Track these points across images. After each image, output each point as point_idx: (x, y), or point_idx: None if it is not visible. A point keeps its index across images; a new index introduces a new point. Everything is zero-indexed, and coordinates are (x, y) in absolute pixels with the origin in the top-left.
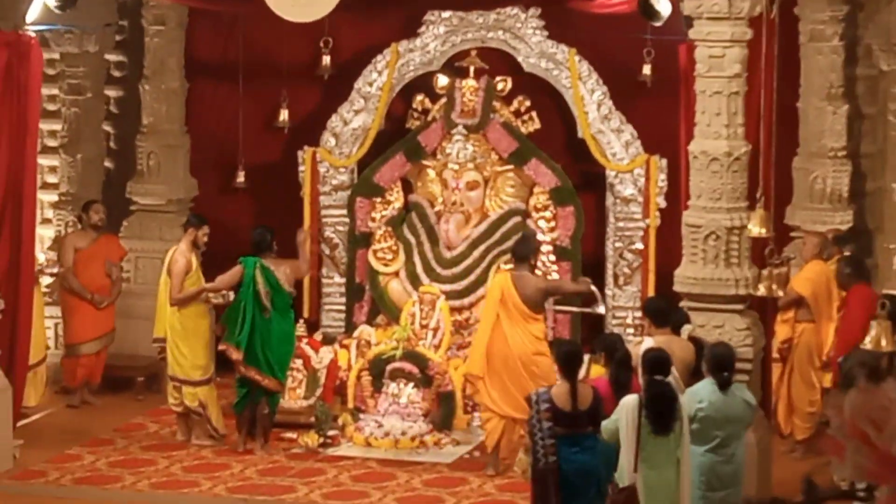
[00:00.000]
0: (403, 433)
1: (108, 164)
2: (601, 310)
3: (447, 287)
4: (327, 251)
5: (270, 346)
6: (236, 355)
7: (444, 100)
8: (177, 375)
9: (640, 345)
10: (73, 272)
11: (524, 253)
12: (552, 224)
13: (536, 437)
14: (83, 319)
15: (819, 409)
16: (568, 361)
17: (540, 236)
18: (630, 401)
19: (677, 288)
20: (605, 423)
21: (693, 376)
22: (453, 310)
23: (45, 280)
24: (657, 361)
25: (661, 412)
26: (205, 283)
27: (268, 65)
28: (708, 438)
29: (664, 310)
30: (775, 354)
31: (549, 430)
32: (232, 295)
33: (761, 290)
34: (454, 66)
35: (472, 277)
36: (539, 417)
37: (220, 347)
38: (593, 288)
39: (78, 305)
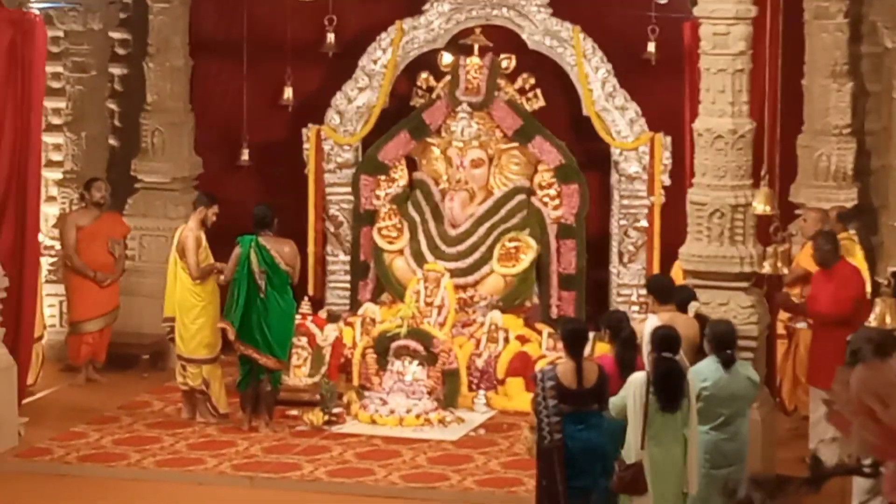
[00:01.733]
0: (408, 411)
1: (112, 141)
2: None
3: (451, 265)
4: (332, 229)
5: (269, 324)
6: (231, 334)
7: (448, 77)
8: (183, 354)
9: (643, 322)
10: (76, 250)
11: None
12: (557, 202)
13: (542, 414)
14: (86, 297)
15: None
16: (573, 339)
17: (545, 213)
18: (638, 378)
19: (683, 266)
20: (613, 400)
21: (697, 354)
22: (458, 287)
23: (48, 259)
24: (667, 339)
25: (668, 389)
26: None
27: (272, 42)
28: (712, 416)
29: (667, 287)
30: (780, 331)
31: (555, 407)
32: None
33: (766, 268)
34: (458, 44)
35: (476, 255)
36: (544, 395)
37: (220, 325)
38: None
39: (81, 283)
